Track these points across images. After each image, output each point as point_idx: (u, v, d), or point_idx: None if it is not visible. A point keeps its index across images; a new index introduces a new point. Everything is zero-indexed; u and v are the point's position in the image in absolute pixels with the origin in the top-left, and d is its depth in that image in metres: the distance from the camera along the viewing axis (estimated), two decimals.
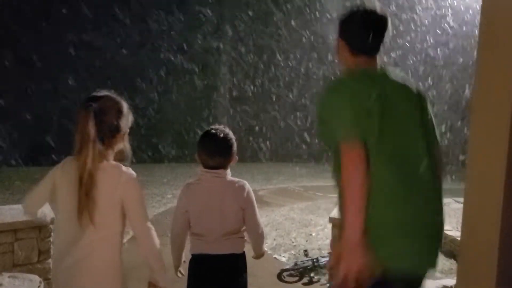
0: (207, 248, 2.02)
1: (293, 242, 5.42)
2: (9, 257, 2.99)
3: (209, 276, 2.01)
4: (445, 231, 5.46)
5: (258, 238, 2.14)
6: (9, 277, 2.69)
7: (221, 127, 2.10)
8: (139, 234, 1.75)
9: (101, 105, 1.62)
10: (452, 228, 5.72)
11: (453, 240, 5.13)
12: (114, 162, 1.71)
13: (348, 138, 1.42)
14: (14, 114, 11.77)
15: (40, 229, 3.08)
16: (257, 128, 14.82)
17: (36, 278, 2.73)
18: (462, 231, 1.77)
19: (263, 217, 6.71)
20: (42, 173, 1.81)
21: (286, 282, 4.21)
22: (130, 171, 1.70)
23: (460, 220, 6.38)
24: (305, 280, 4.27)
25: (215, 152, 2.01)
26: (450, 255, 5.04)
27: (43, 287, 2.77)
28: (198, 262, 2.04)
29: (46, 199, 1.75)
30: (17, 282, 2.63)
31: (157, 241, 1.79)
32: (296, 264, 4.42)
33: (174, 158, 12.90)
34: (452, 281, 3.88)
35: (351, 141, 1.41)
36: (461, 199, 6.96)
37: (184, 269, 2.21)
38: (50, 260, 3.15)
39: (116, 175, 1.65)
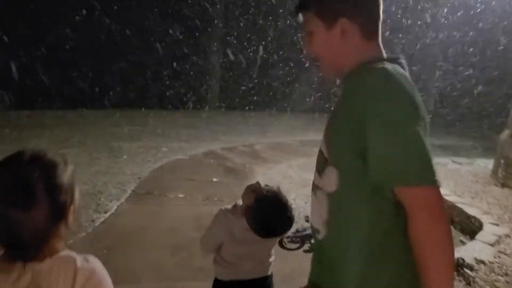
0: (239, 275, 1.84)
1: (292, 204, 5.37)
2: None
3: None
4: (443, 195, 5.50)
5: None
6: None
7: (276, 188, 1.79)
8: None
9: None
10: (450, 192, 5.71)
11: (452, 206, 5.14)
12: (64, 254, 1.11)
13: (431, 180, 1.02)
14: None
15: None
16: (251, 73, 14.47)
17: None
18: None
19: (261, 175, 6.66)
20: None
21: (287, 249, 4.22)
22: (91, 263, 1.13)
23: (458, 183, 6.38)
24: (306, 247, 4.29)
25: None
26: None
27: None
28: None
29: None
30: None
31: None
32: (297, 230, 4.41)
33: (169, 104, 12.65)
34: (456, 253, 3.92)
35: (435, 184, 1.02)
36: (460, 159, 6.97)
37: None
38: None
39: (69, 278, 1.07)
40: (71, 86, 11.52)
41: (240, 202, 1.81)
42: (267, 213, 1.67)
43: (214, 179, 6.27)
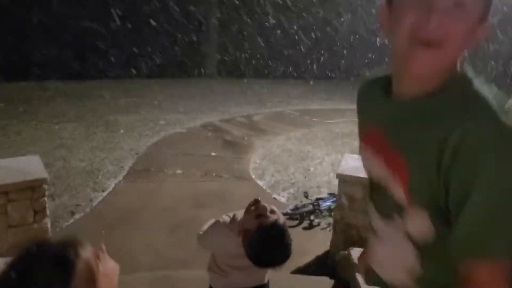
0: (234, 284, 1.77)
1: (291, 179, 5.38)
2: (3, 219, 2.85)
3: None
4: None
5: None
6: None
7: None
8: None
9: None
10: None
11: None
12: None
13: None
14: None
15: (33, 189, 2.90)
16: (247, 43, 14.13)
17: None
18: None
19: (260, 148, 6.61)
20: None
21: None
22: None
23: None
24: (305, 224, 4.29)
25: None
26: None
27: None
28: None
29: None
30: None
31: None
32: (296, 207, 4.41)
33: (159, 73, 12.36)
34: None
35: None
36: None
37: None
38: (46, 220, 3.03)
39: None
40: (64, 55, 11.26)
41: (239, 214, 1.73)
42: (266, 247, 1.55)
43: (213, 153, 6.22)
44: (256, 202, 1.63)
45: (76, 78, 10.78)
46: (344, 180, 3.34)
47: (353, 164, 3.49)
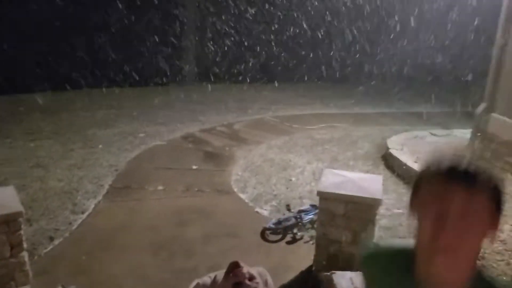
0: None
1: (273, 191, 5.38)
2: None
3: None
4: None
5: None
6: None
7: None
8: None
9: None
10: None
11: None
12: None
13: None
14: None
15: (8, 223, 2.82)
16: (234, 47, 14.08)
17: None
18: None
19: (241, 159, 6.60)
20: None
21: (270, 241, 4.23)
22: None
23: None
24: (288, 238, 4.30)
25: None
26: None
27: None
28: None
29: None
30: None
31: None
32: (279, 221, 4.41)
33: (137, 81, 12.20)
34: None
35: None
36: (439, 132, 6.99)
37: None
38: (23, 253, 2.95)
39: None
40: (39, 68, 11.00)
41: (219, 276, 1.72)
42: None
43: (194, 167, 6.18)
44: (235, 266, 1.61)
45: (52, 90, 10.54)
46: (325, 197, 3.36)
47: (333, 179, 3.52)
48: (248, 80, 13.04)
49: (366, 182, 3.45)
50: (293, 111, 10.17)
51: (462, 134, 7.33)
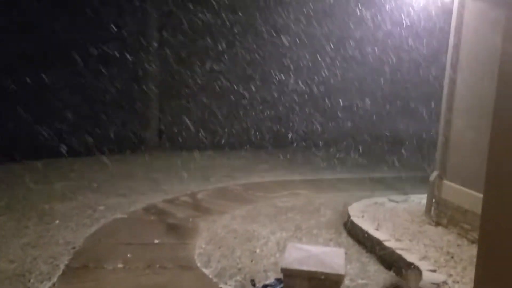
0: None
1: (238, 264, 5.30)
2: None
3: None
4: (383, 242, 5.65)
5: None
6: None
7: None
8: None
9: None
10: (390, 237, 5.89)
11: (392, 252, 5.31)
12: None
13: None
14: None
15: None
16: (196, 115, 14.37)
17: None
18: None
19: (205, 231, 6.52)
20: None
21: None
22: None
23: (396, 225, 6.65)
24: None
25: None
26: (389, 267, 5.23)
27: None
28: None
29: None
30: None
31: None
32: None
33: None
34: None
35: None
36: (397, 197, 7.22)
37: None
38: None
39: None
40: None
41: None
42: None
43: (156, 241, 6.02)
44: None
45: (4, 162, 10.20)
46: (288, 274, 3.37)
47: (296, 255, 3.56)
48: (209, 149, 13.23)
49: (328, 256, 3.51)
50: (255, 178, 10.30)
51: (419, 200, 7.65)
